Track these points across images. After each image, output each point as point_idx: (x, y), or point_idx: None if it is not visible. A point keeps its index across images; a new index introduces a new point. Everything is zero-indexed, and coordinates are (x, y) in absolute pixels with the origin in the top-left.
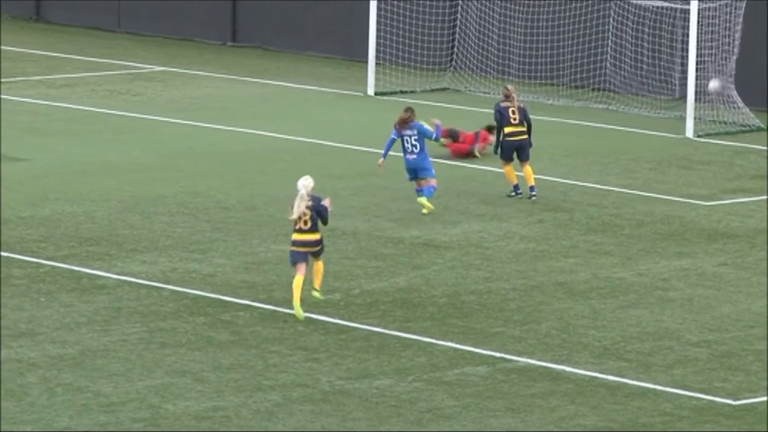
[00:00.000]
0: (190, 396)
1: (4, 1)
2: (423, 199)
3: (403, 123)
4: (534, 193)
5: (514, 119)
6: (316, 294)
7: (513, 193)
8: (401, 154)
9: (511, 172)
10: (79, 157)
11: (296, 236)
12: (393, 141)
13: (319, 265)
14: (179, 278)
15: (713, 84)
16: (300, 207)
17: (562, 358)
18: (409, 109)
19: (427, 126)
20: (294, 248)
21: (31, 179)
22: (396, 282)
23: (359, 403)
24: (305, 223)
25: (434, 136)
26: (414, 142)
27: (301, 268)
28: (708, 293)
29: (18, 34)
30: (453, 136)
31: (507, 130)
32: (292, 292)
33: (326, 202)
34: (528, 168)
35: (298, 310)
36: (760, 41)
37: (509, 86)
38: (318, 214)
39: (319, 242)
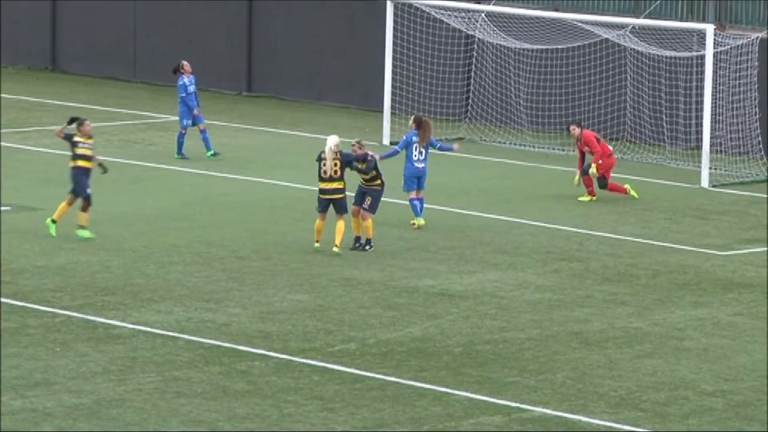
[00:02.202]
0: None
1: (21, 52)
2: (422, 220)
3: (426, 138)
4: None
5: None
6: (335, 250)
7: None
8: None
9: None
10: (93, 207)
11: (322, 185)
12: (397, 152)
13: (340, 224)
14: (194, 328)
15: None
16: (329, 157)
17: (577, 408)
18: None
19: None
20: (321, 196)
21: (45, 229)
22: (411, 331)
23: None
24: (335, 173)
25: (438, 145)
26: (422, 149)
27: (323, 215)
28: (723, 343)
29: (34, 84)
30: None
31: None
32: (315, 233)
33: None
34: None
35: (317, 245)
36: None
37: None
38: (348, 163)
39: (340, 191)
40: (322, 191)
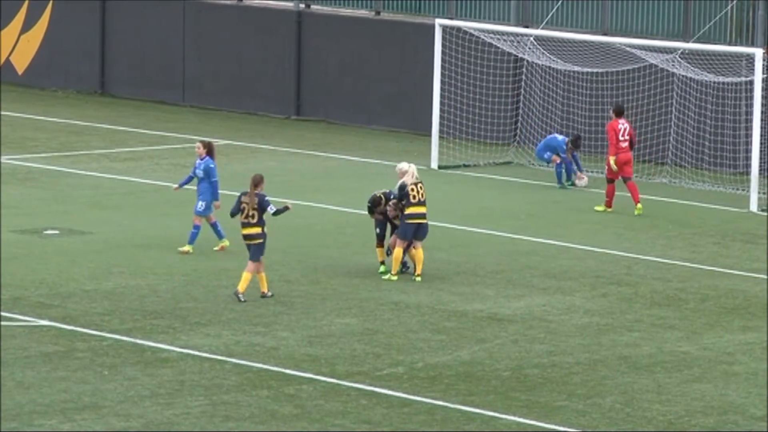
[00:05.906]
0: None
1: (70, 76)
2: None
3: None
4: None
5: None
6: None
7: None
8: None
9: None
10: (142, 231)
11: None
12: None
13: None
14: (242, 351)
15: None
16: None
17: None
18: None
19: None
20: (409, 221)
21: (94, 253)
22: (459, 355)
23: None
24: (422, 195)
25: None
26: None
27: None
28: None
29: (83, 108)
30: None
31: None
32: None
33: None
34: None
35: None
36: None
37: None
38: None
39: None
40: (411, 216)
